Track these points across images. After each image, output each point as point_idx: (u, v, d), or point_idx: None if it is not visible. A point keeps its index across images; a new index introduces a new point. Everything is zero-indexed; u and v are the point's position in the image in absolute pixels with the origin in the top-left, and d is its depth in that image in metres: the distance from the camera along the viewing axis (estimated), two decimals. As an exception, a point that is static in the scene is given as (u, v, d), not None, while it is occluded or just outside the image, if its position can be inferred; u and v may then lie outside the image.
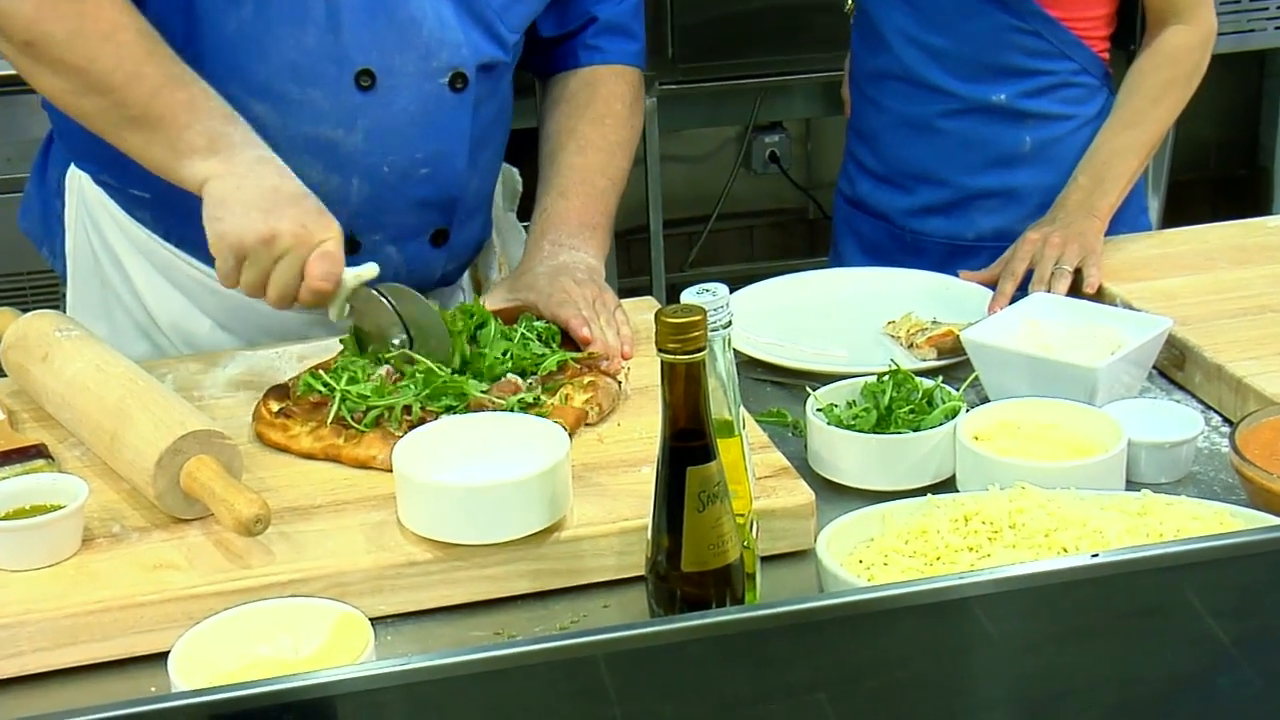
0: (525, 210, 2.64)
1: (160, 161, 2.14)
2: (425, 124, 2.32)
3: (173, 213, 2.34)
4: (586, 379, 2.07)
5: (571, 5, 2.52)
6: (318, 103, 2.27)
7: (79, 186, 2.42)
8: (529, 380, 2.08)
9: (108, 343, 2.26)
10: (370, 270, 2.12)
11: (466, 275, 2.62)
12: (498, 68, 2.37)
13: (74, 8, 2.10)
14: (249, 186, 2.08)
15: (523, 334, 2.16)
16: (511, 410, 1.97)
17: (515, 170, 2.68)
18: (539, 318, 2.23)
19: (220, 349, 2.39)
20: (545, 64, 2.57)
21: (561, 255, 2.35)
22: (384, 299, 2.14)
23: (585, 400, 2.03)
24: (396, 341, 2.12)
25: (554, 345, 2.17)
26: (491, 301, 2.29)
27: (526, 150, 2.57)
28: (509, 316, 2.21)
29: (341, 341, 2.21)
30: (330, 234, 2.08)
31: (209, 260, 2.28)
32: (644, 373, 2.16)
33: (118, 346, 2.31)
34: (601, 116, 2.49)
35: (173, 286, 2.42)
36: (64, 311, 2.48)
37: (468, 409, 1.98)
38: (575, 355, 2.14)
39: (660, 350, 1.49)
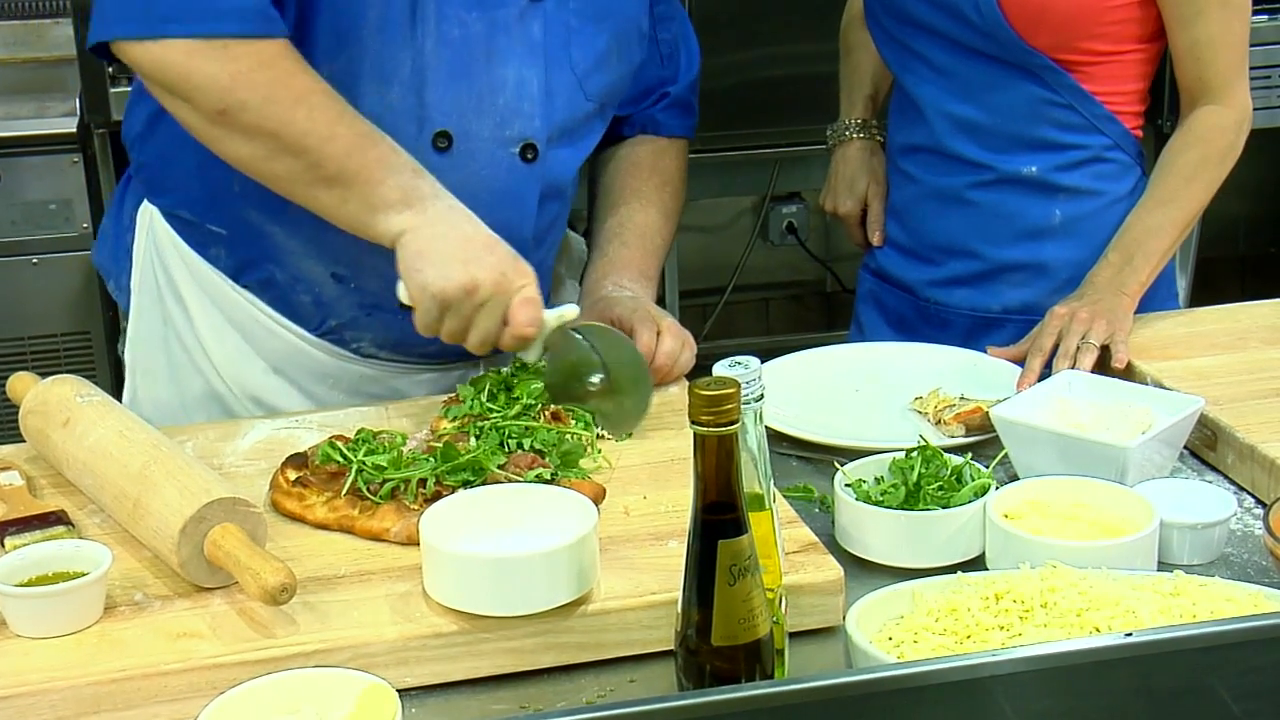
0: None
1: (354, 218, 2.17)
2: (496, 191, 2.34)
3: (247, 251, 2.38)
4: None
5: (644, 83, 2.60)
6: None
7: (149, 223, 2.45)
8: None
9: (164, 378, 2.28)
10: (571, 311, 2.18)
11: None
12: (573, 148, 2.43)
13: (267, 74, 2.14)
14: (445, 237, 2.13)
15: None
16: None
17: (581, 239, 2.69)
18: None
19: (273, 391, 2.43)
20: (612, 133, 2.63)
21: (625, 294, 2.44)
22: (583, 339, 2.17)
23: None
24: (595, 380, 2.16)
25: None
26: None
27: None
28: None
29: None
30: (528, 279, 2.13)
31: (274, 301, 2.39)
32: (668, 445, 2.15)
33: (174, 382, 2.37)
34: (664, 183, 2.63)
35: (231, 326, 2.44)
36: (123, 346, 2.52)
37: (484, 483, 1.97)
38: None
39: (693, 422, 1.48)
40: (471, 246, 2.12)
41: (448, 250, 2.11)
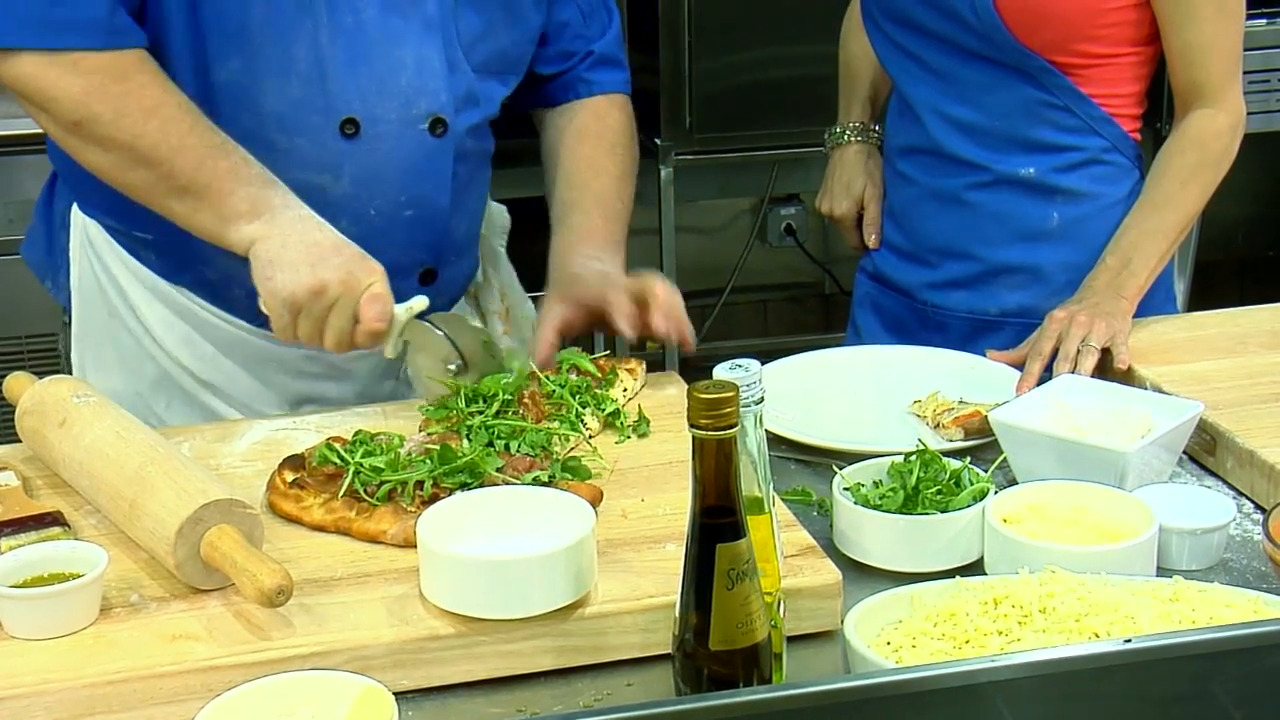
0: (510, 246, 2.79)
1: (207, 228, 2.22)
2: (408, 169, 2.38)
3: (176, 254, 2.40)
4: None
5: (566, 44, 2.64)
6: (304, 150, 2.33)
7: (82, 222, 2.47)
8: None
9: (115, 368, 2.30)
10: (420, 303, 2.23)
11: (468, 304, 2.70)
12: (477, 111, 2.45)
13: (120, 87, 2.18)
14: (292, 244, 2.17)
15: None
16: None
17: (504, 207, 2.76)
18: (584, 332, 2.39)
19: (224, 374, 2.46)
20: (544, 98, 2.68)
21: (594, 266, 2.47)
22: (436, 329, 2.24)
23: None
24: (452, 368, 2.23)
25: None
26: (551, 315, 2.40)
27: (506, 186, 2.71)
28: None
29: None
30: (375, 276, 2.18)
31: (211, 298, 2.42)
32: (667, 448, 2.15)
33: (126, 370, 2.39)
34: (613, 146, 2.65)
35: (176, 316, 2.45)
36: (68, 342, 2.53)
37: (482, 486, 1.96)
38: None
39: (692, 426, 1.48)
40: (318, 250, 2.17)
41: (295, 256, 2.16)
